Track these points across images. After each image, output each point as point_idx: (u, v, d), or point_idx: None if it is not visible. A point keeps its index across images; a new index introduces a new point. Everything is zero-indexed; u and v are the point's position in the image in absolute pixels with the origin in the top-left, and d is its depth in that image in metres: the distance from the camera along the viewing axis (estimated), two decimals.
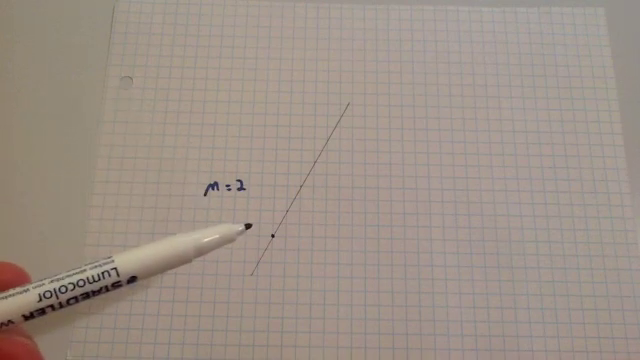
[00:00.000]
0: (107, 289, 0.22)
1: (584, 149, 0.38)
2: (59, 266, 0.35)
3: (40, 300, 0.21)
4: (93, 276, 0.22)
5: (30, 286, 0.21)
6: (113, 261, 0.22)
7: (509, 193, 0.37)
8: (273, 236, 0.36)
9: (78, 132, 0.38)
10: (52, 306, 0.21)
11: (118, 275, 0.22)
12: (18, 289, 0.21)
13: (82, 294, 0.22)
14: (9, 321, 0.21)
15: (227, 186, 0.37)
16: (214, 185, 0.37)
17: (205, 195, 0.37)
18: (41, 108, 0.39)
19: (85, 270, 0.22)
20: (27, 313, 0.21)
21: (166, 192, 0.37)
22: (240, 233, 0.25)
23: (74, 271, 0.22)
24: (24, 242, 0.36)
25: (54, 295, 0.21)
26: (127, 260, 0.22)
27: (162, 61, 0.40)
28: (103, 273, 0.22)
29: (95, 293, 0.22)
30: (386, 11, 0.41)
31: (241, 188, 0.37)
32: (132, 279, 0.22)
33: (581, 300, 0.35)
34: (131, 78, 0.39)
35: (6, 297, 0.21)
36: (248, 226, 0.25)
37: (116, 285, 0.22)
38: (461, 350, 0.34)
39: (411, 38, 0.40)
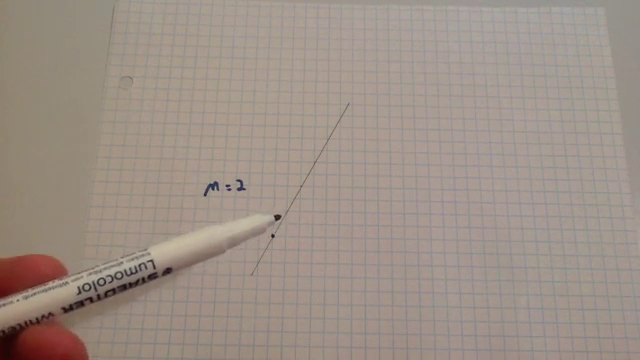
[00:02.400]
0: (144, 280, 0.22)
1: (584, 149, 0.38)
2: None
3: (79, 293, 0.21)
4: (130, 268, 0.22)
5: (69, 279, 0.21)
6: (149, 253, 0.22)
7: (509, 193, 0.37)
8: (273, 236, 0.36)
9: (78, 132, 0.38)
10: (91, 298, 0.21)
11: (154, 267, 0.22)
12: (57, 282, 0.21)
13: (120, 286, 0.22)
14: (49, 314, 0.21)
15: (227, 186, 0.37)
16: (214, 185, 0.37)
17: (205, 195, 0.37)
18: (41, 108, 0.39)
19: (122, 262, 0.22)
20: (67, 306, 0.21)
21: (166, 192, 0.37)
22: (270, 224, 0.25)
23: (111, 263, 0.22)
24: (24, 242, 0.36)
25: (93, 288, 0.21)
26: (163, 252, 0.22)
27: (162, 61, 0.40)
28: (140, 265, 0.22)
29: (132, 285, 0.22)
30: (386, 11, 0.41)
31: (241, 188, 0.37)
32: (167, 270, 0.22)
33: (581, 300, 0.35)
34: (131, 78, 0.39)
35: (46, 290, 0.21)
36: (277, 217, 0.26)
37: (152, 277, 0.22)
38: (461, 350, 0.34)
39: (411, 38, 0.40)
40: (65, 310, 0.21)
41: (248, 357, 0.34)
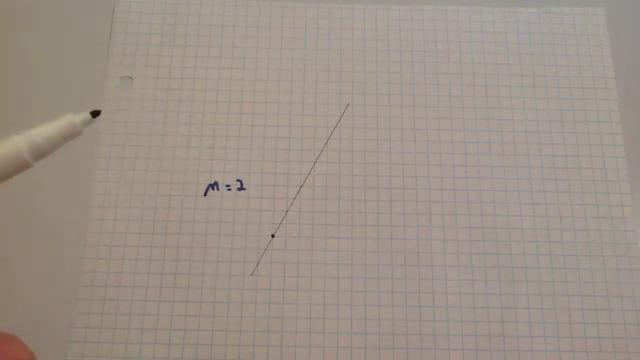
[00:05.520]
0: None
1: (584, 149, 0.38)
2: (59, 266, 0.35)
3: None
4: None
5: None
6: None
7: (509, 193, 0.37)
8: (273, 236, 0.36)
9: None
10: None
11: None
12: None
13: None
14: None
15: (227, 186, 0.37)
16: (214, 185, 0.37)
17: (205, 195, 0.37)
18: (41, 108, 0.39)
19: None
20: None
21: (166, 192, 0.37)
22: (86, 123, 0.21)
23: None
24: (24, 242, 0.36)
25: None
26: None
27: (162, 61, 0.40)
28: None
29: None
30: (386, 11, 0.41)
31: (241, 188, 0.37)
32: None
33: (581, 300, 0.35)
34: (131, 78, 0.39)
35: None
36: (95, 114, 0.21)
37: None
38: (461, 350, 0.34)
39: (411, 38, 0.40)
40: None
41: (248, 357, 0.34)
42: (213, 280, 0.35)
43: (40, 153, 0.20)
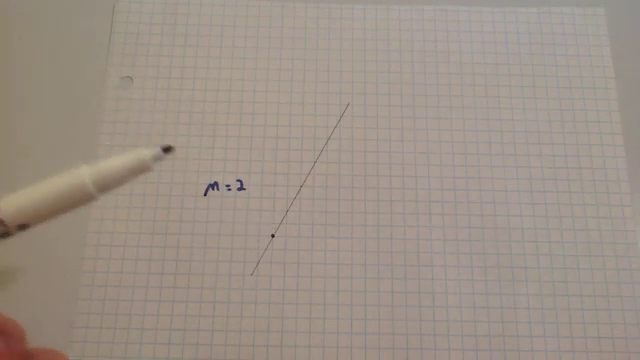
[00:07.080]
0: None
1: (584, 149, 0.38)
2: (59, 265, 0.35)
3: None
4: None
5: None
6: None
7: (509, 193, 0.37)
8: (273, 236, 0.36)
9: (78, 132, 0.38)
10: None
11: (5, 225, 0.19)
12: None
13: None
14: None
15: (227, 186, 0.37)
16: (214, 185, 0.37)
17: (205, 195, 0.37)
18: (41, 108, 0.39)
19: None
20: None
21: (166, 192, 0.37)
22: (156, 159, 0.20)
23: None
24: (24, 242, 0.36)
25: None
26: (13, 205, 0.19)
27: (162, 61, 0.40)
28: None
29: None
30: (386, 11, 0.41)
31: (241, 188, 0.37)
32: (22, 227, 0.19)
33: (581, 300, 0.35)
34: (131, 78, 0.39)
35: None
36: (167, 149, 0.20)
37: (4, 235, 0.19)
38: (461, 350, 0.34)
39: (411, 38, 0.40)
40: None
41: (248, 357, 0.34)
42: (213, 280, 0.35)
43: (106, 186, 0.19)
